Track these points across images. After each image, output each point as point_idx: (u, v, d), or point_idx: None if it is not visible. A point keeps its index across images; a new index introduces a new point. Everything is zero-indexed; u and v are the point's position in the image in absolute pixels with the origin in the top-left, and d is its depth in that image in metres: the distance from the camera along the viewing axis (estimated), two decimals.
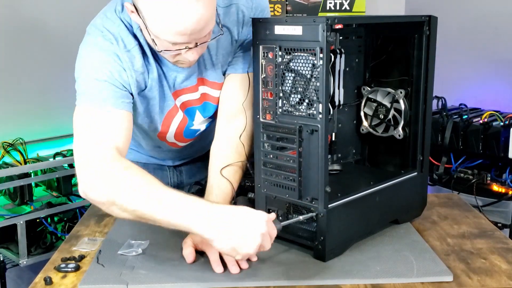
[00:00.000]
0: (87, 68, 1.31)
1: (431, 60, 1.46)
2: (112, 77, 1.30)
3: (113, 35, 1.33)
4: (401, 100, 1.47)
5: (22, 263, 2.41)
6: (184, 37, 1.21)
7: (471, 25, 3.02)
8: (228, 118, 1.49)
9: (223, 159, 1.45)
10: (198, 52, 1.29)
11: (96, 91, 1.29)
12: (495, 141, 2.44)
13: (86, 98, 1.30)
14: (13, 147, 2.60)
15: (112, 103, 1.29)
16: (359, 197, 1.35)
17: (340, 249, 1.32)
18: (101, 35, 1.32)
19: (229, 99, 1.49)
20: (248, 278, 1.22)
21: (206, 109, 1.52)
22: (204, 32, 1.23)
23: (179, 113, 1.49)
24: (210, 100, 1.51)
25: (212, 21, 1.23)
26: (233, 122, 1.47)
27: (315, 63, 1.22)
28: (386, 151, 1.56)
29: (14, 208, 2.55)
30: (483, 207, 2.51)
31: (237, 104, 1.46)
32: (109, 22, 1.35)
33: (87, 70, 1.31)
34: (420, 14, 1.43)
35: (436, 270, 1.24)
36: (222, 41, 1.42)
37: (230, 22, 1.42)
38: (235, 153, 1.46)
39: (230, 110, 1.48)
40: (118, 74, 1.31)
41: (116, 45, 1.32)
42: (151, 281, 1.21)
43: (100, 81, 1.29)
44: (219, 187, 1.42)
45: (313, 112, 1.24)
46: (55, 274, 1.26)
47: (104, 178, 1.23)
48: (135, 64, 1.33)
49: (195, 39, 1.24)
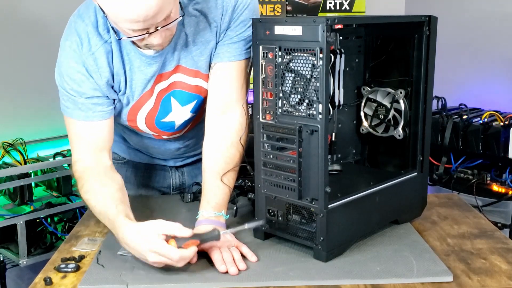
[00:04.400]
0: (60, 78, 1.39)
1: (431, 60, 1.46)
2: (79, 90, 1.37)
3: (79, 36, 1.36)
4: (401, 100, 1.47)
5: (22, 263, 2.41)
6: (139, 24, 1.20)
7: (471, 25, 3.02)
8: (216, 112, 1.46)
9: (216, 160, 1.44)
10: (162, 35, 1.27)
11: (68, 104, 1.40)
12: (495, 141, 2.44)
13: (62, 108, 1.42)
14: (13, 147, 2.60)
15: (80, 116, 1.39)
16: (359, 198, 1.35)
17: (340, 249, 1.32)
18: (69, 39, 1.37)
19: (216, 91, 1.46)
20: (248, 278, 1.22)
21: (180, 97, 1.48)
22: (159, 17, 1.21)
23: (150, 101, 1.46)
24: (183, 88, 1.47)
25: (167, 5, 1.21)
26: (223, 117, 1.45)
27: (315, 63, 1.21)
28: (386, 151, 1.56)
29: (14, 208, 2.55)
30: (483, 207, 2.51)
31: (224, 97, 1.45)
32: (79, 21, 1.37)
33: (60, 81, 1.39)
34: (420, 14, 1.43)
35: (436, 270, 1.24)
36: (201, 27, 1.40)
37: (208, 8, 1.39)
38: (228, 151, 1.44)
39: (217, 103, 1.45)
40: (85, 85, 1.37)
41: (80, 49, 1.36)
42: (151, 281, 1.21)
43: (69, 95, 1.39)
44: (218, 187, 1.42)
45: (313, 113, 1.24)
46: (55, 274, 1.25)
47: (83, 176, 1.41)
48: (101, 65, 1.36)
49: (152, 24, 1.22)
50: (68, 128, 1.44)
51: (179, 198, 1.70)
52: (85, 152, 1.42)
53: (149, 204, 1.65)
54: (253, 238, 1.41)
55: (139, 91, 1.44)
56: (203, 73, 1.46)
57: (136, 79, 1.41)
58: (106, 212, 1.34)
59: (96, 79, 1.37)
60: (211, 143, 1.45)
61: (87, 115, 1.39)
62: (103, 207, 1.35)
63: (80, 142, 1.43)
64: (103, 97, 1.40)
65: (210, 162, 1.44)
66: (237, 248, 1.31)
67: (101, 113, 1.40)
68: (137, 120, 1.49)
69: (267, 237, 1.40)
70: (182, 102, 1.49)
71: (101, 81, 1.38)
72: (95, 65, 1.36)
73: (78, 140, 1.43)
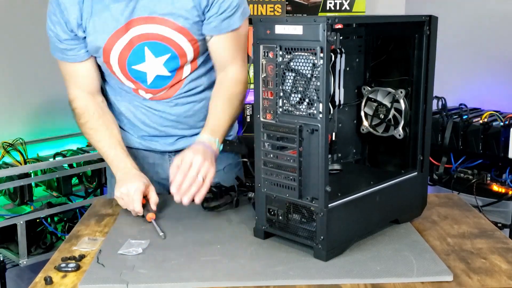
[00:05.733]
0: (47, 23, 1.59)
1: (431, 60, 1.46)
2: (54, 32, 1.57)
3: None
4: (401, 100, 1.47)
5: (22, 263, 2.41)
6: None
7: (471, 25, 3.02)
8: (217, 72, 1.67)
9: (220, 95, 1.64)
10: None
11: (52, 45, 1.61)
12: (495, 141, 2.44)
13: (50, 50, 1.63)
14: (13, 147, 2.60)
15: (59, 57, 1.62)
16: (359, 197, 1.35)
17: (340, 249, 1.32)
18: None
19: (214, 56, 1.65)
20: (249, 277, 1.22)
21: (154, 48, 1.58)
22: None
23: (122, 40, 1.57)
24: (157, 39, 1.57)
25: None
26: (221, 73, 1.66)
27: (315, 63, 1.22)
28: (386, 151, 1.56)
29: (14, 208, 2.56)
30: (483, 207, 2.51)
31: (220, 58, 1.65)
32: None
33: (46, 25, 1.59)
34: (420, 14, 1.43)
35: (436, 270, 1.24)
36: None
37: None
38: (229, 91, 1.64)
39: (216, 65, 1.66)
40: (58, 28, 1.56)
41: None
42: (151, 281, 1.21)
43: (50, 37, 1.60)
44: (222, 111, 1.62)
45: (313, 112, 1.24)
46: (56, 273, 1.26)
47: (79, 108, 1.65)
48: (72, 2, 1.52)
49: None
50: (60, 68, 1.66)
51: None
52: (76, 90, 1.65)
53: None
54: (253, 237, 1.41)
55: (110, 28, 1.55)
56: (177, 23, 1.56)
57: (106, 16, 1.54)
58: (107, 152, 1.62)
59: (67, 17, 1.54)
60: (214, 91, 1.66)
61: (63, 57, 1.61)
62: (105, 147, 1.62)
63: (69, 80, 1.66)
64: (73, 42, 1.58)
65: (214, 97, 1.65)
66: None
67: (74, 57, 1.60)
68: (110, 59, 1.60)
69: (267, 236, 1.40)
70: (155, 53, 1.59)
71: (71, 18, 1.54)
72: (68, 1, 1.53)
73: (68, 78, 1.66)
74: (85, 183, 2.83)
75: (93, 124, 1.63)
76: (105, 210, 1.67)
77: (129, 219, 1.56)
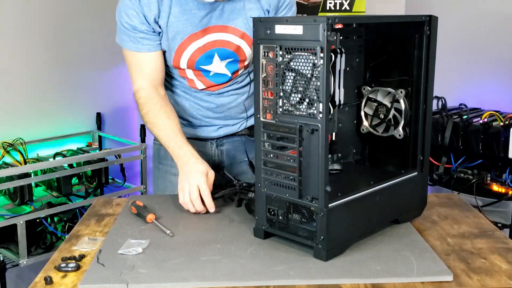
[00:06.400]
0: (118, 14, 1.65)
1: (431, 60, 1.46)
2: (130, 23, 1.62)
3: None
4: (402, 100, 1.47)
5: (22, 263, 2.41)
6: None
7: (471, 25, 3.02)
8: None
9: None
10: None
11: (123, 36, 1.66)
12: (495, 141, 2.44)
13: (118, 40, 1.69)
14: (13, 147, 2.60)
15: (132, 47, 1.66)
16: (359, 197, 1.35)
17: (340, 249, 1.32)
18: None
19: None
20: (249, 277, 1.22)
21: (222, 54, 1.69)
22: None
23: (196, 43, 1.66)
24: (226, 46, 1.67)
25: None
26: None
27: (315, 63, 1.22)
28: (386, 151, 1.56)
29: (14, 208, 2.55)
30: (483, 207, 2.51)
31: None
32: None
33: (118, 16, 1.65)
34: (420, 14, 1.43)
35: (436, 269, 1.24)
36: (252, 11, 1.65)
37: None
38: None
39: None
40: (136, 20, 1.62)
41: None
42: (151, 281, 1.21)
43: (124, 28, 1.64)
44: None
45: (313, 112, 1.24)
46: (56, 273, 1.26)
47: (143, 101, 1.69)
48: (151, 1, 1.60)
49: None
50: (126, 59, 1.71)
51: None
52: (142, 81, 1.69)
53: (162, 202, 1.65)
54: (253, 237, 1.41)
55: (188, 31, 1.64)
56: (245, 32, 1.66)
57: (186, 19, 1.62)
58: (168, 141, 1.66)
59: (145, 12, 1.61)
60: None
61: (137, 47, 1.66)
62: (167, 137, 1.67)
63: (136, 71, 1.70)
64: (150, 32, 1.64)
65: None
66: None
67: (148, 46, 1.66)
68: (181, 58, 1.69)
69: (267, 236, 1.40)
70: (222, 57, 1.70)
71: (149, 14, 1.61)
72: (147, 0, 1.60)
73: (134, 69, 1.70)
74: (85, 183, 2.83)
75: (155, 114, 1.68)
76: (105, 210, 1.67)
77: (129, 219, 1.56)
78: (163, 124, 1.67)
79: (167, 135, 1.66)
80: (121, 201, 1.74)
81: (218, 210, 1.60)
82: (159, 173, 1.89)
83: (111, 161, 2.85)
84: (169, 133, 1.66)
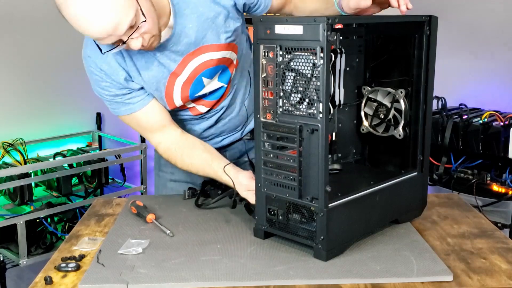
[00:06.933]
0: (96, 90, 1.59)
1: (431, 60, 1.46)
2: (111, 93, 1.56)
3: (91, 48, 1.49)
4: (402, 100, 1.47)
5: (22, 263, 2.41)
6: (105, 40, 1.33)
7: (471, 25, 3.02)
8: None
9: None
10: (139, 40, 1.37)
11: (113, 106, 1.60)
12: (495, 141, 2.44)
13: (112, 111, 1.62)
14: (13, 147, 2.60)
15: (127, 111, 1.59)
16: (359, 197, 1.35)
17: (340, 249, 1.32)
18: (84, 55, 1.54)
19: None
20: (249, 277, 1.22)
21: (209, 73, 1.60)
22: (120, 30, 1.31)
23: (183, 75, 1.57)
24: (211, 65, 1.58)
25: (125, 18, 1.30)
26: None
27: (315, 63, 1.22)
28: (386, 151, 1.56)
29: (14, 208, 2.55)
30: (483, 207, 2.51)
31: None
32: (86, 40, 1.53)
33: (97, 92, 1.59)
34: (420, 14, 1.43)
35: (436, 269, 1.24)
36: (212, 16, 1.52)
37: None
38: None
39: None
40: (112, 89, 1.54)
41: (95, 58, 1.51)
42: (151, 281, 1.21)
43: (108, 99, 1.58)
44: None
45: (313, 112, 1.24)
46: (56, 273, 1.26)
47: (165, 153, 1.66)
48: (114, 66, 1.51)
49: (119, 37, 1.33)
50: (129, 125, 1.65)
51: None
52: (155, 135, 1.64)
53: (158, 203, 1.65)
54: (253, 237, 1.41)
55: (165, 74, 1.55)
56: (221, 43, 1.56)
57: (155, 65, 1.54)
58: (210, 173, 1.62)
59: (116, 79, 1.53)
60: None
61: (130, 108, 1.59)
62: (203, 172, 1.63)
63: (144, 129, 1.66)
64: (134, 91, 1.56)
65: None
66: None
67: (140, 102, 1.58)
68: (174, 101, 1.61)
69: (267, 236, 1.40)
70: (210, 76, 1.61)
71: (120, 79, 1.53)
72: (110, 68, 1.52)
73: (142, 129, 1.66)
74: (85, 183, 2.83)
75: (181, 163, 1.65)
76: (105, 210, 1.67)
77: (129, 219, 1.56)
78: (192, 164, 1.64)
79: (202, 170, 1.63)
80: (121, 201, 1.74)
81: (218, 211, 1.60)
82: (160, 180, 1.87)
83: (111, 161, 2.85)
84: (203, 168, 1.63)
